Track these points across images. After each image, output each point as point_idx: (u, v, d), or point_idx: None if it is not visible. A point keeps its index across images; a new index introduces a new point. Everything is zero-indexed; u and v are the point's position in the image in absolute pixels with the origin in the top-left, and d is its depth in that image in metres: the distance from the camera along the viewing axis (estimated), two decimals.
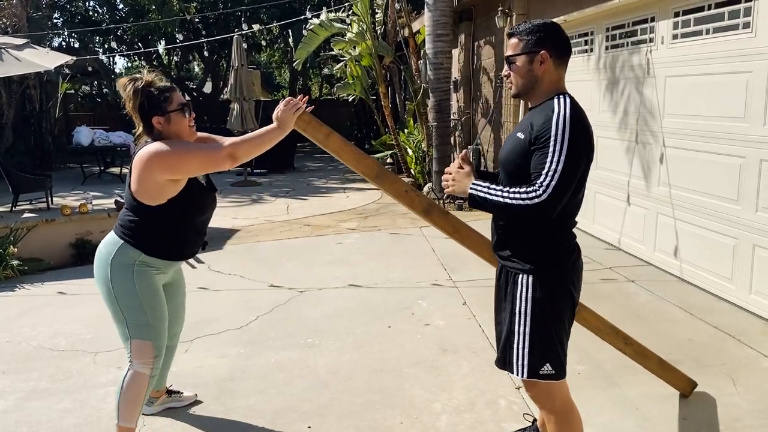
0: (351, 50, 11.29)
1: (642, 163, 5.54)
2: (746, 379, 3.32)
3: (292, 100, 2.59)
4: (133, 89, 2.62)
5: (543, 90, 2.19)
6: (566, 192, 2.02)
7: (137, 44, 19.75)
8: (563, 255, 2.19)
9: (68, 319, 4.59)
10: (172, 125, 2.65)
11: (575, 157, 2.01)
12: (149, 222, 2.62)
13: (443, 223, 2.70)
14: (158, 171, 2.53)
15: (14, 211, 7.10)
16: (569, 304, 2.22)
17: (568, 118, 2.04)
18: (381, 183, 2.71)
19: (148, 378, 2.66)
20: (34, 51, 8.39)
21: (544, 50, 2.15)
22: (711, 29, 4.56)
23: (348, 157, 2.68)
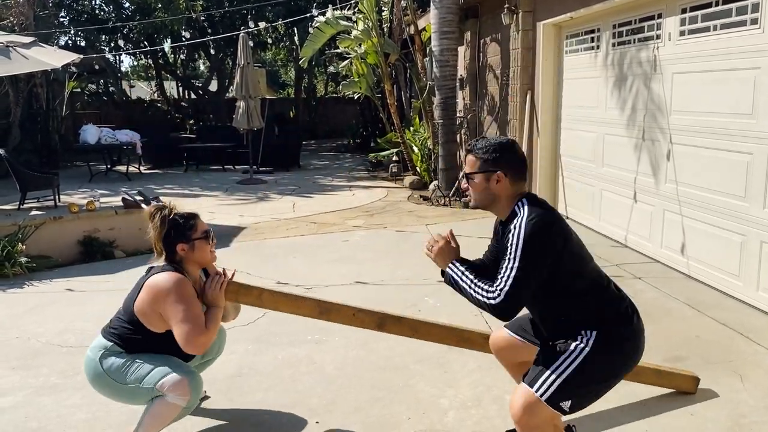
0: (357, 48, 11.30)
1: (649, 160, 5.53)
2: (753, 376, 3.31)
3: (213, 279, 2.73)
4: (160, 219, 2.67)
5: (504, 204, 2.29)
6: (521, 294, 2.12)
7: (143, 43, 19.79)
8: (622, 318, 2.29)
9: (76, 316, 4.62)
10: (195, 252, 2.71)
11: (531, 262, 2.11)
12: (146, 340, 2.66)
13: (400, 329, 2.87)
14: (158, 307, 2.59)
15: (22, 209, 7.13)
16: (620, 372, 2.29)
17: (524, 224, 2.14)
18: (328, 317, 2.88)
19: (181, 409, 2.61)
20: (42, 49, 8.41)
21: (499, 170, 2.24)
22: (718, 25, 4.54)
23: (285, 306, 2.86)
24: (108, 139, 12.75)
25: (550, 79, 7.40)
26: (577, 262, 2.25)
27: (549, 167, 7.62)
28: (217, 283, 2.72)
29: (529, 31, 7.55)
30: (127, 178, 12.49)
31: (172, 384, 2.56)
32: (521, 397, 2.19)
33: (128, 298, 2.71)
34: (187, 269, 2.72)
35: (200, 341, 2.58)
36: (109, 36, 19.66)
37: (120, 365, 2.63)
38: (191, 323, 2.57)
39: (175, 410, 2.60)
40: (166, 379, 2.56)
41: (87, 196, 8.17)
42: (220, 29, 18.65)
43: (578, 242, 2.29)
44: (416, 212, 8.46)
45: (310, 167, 14.62)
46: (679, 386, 3.10)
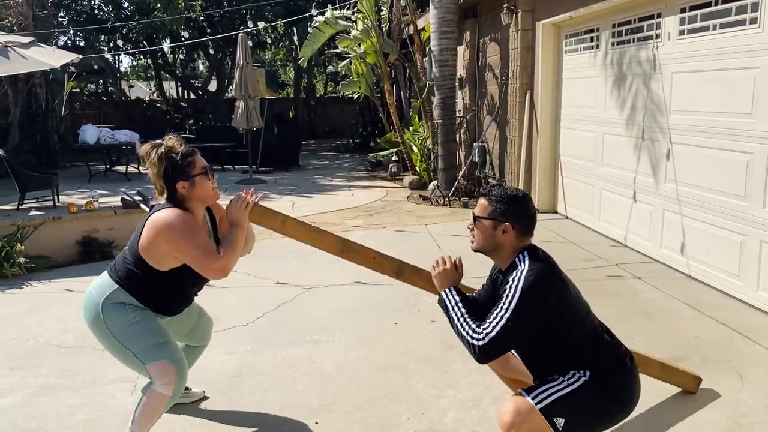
0: (356, 48, 11.29)
1: (649, 160, 5.52)
2: (753, 376, 3.31)
3: (240, 197, 2.67)
4: (157, 156, 2.62)
5: (506, 253, 2.33)
6: (505, 344, 2.16)
7: (142, 42, 19.78)
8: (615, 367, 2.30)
9: (75, 316, 4.59)
10: (196, 189, 2.65)
11: (522, 316, 2.13)
12: (148, 279, 2.64)
13: (417, 281, 2.81)
14: (164, 243, 2.56)
15: (21, 209, 7.12)
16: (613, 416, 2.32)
17: (522, 278, 2.18)
18: (347, 255, 2.82)
19: (168, 399, 2.63)
20: (40, 49, 8.40)
21: (508, 222, 2.28)
22: (718, 25, 4.54)
23: (307, 236, 2.78)
24: (107, 139, 12.73)
25: (549, 78, 7.40)
26: (573, 313, 2.29)
27: (548, 167, 7.62)
28: (242, 202, 2.65)
29: (529, 31, 7.55)
30: (127, 178, 12.48)
31: (160, 371, 2.58)
32: (514, 402, 2.21)
33: (132, 238, 2.68)
34: (190, 208, 2.66)
35: (216, 265, 2.54)
36: (108, 36, 19.64)
37: (122, 322, 2.60)
38: (202, 249, 2.54)
39: (163, 400, 2.62)
40: (155, 364, 2.58)
41: (86, 197, 8.16)
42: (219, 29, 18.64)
43: (576, 295, 2.32)
44: (416, 212, 8.45)
45: (310, 167, 14.61)
46: (681, 383, 3.10)
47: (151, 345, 2.61)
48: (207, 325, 3.11)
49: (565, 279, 2.29)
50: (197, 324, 3.03)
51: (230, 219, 2.67)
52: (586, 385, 2.22)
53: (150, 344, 2.61)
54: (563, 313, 2.23)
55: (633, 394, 2.33)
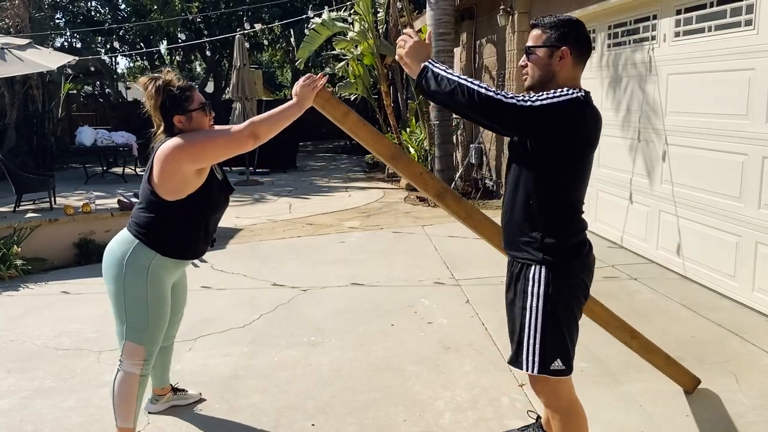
0: (353, 49, 11.31)
1: (644, 161, 5.54)
2: (749, 376, 3.32)
3: (312, 77, 2.59)
4: (154, 88, 2.61)
5: (558, 87, 2.13)
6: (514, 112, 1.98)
7: (139, 44, 19.78)
8: (575, 247, 2.21)
9: (72, 319, 4.60)
10: (193, 124, 2.65)
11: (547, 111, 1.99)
12: (165, 218, 2.61)
13: (456, 208, 2.70)
14: (185, 161, 2.53)
15: (17, 211, 7.11)
16: (581, 298, 2.24)
17: (573, 95, 2.04)
18: (396, 164, 2.69)
19: (139, 377, 2.65)
20: (37, 51, 8.40)
21: (565, 46, 2.13)
22: (713, 26, 4.56)
23: (364, 136, 2.67)
24: (104, 140, 12.73)
25: None
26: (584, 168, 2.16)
27: None
28: (313, 82, 2.59)
29: (525, 32, 7.56)
30: (123, 180, 12.47)
31: (129, 351, 2.64)
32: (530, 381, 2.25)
33: (143, 183, 2.66)
34: None
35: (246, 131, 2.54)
36: (104, 37, 19.65)
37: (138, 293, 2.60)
38: (221, 134, 2.56)
39: (133, 381, 2.64)
40: (128, 344, 2.63)
41: (83, 198, 8.17)
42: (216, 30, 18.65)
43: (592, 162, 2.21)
44: (413, 213, 8.46)
45: (307, 168, 14.62)
46: (680, 380, 3.11)
47: (144, 328, 2.63)
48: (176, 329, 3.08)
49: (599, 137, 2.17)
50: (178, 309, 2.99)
51: (295, 93, 2.59)
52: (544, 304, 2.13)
53: (143, 326, 2.63)
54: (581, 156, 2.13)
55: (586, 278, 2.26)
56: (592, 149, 2.17)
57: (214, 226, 2.85)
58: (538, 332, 2.15)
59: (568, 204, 2.18)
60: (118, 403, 2.65)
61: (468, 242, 6.31)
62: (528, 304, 2.17)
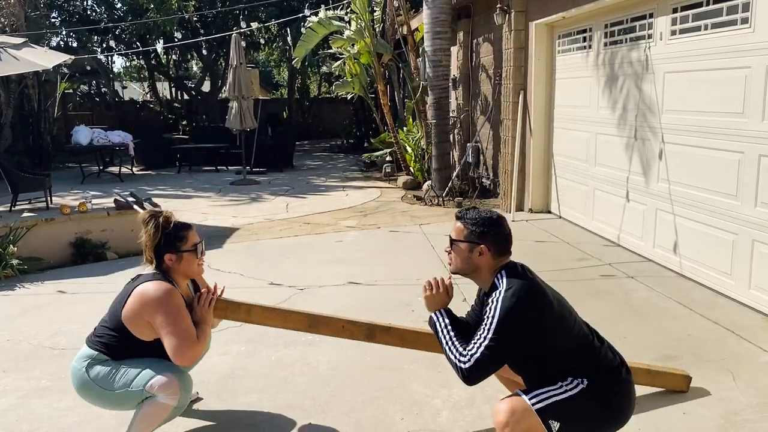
0: (350, 48, 11.30)
1: (641, 159, 5.54)
2: (745, 374, 3.32)
3: (202, 296, 2.73)
4: (154, 227, 2.65)
5: (484, 275, 2.36)
6: (490, 365, 2.21)
7: (135, 43, 19.70)
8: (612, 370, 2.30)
9: (68, 318, 4.59)
10: (182, 264, 2.69)
11: (503, 336, 2.16)
12: (132, 348, 2.64)
13: (389, 340, 2.89)
14: (147, 316, 2.57)
15: (13, 211, 7.10)
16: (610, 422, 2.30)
17: (500, 299, 2.21)
18: (317, 329, 2.91)
19: (171, 409, 2.60)
20: (33, 50, 8.37)
21: (484, 244, 2.31)
22: (709, 25, 4.56)
23: (275, 321, 2.89)
24: (100, 140, 12.71)
25: (542, 78, 7.42)
26: (558, 325, 2.28)
27: (542, 167, 7.63)
28: (205, 301, 2.73)
29: (522, 31, 7.57)
30: (120, 179, 12.44)
31: (162, 384, 2.54)
32: (510, 402, 2.22)
33: (115, 305, 2.68)
34: (174, 279, 2.70)
35: (190, 353, 2.58)
36: (101, 37, 19.56)
37: (107, 372, 2.61)
38: (181, 336, 2.56)
39: (165, 410, 2.59)
40: (155, 380, 2.55)
41: (79, 198, 8.15)
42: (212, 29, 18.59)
43: (560, 307, 2.31)
44: (410, 212, 8.46)
45: (304, 168, 14.60)
46: (671, 385, 3.11)
47: (142, 371, 2.59)
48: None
49: (547, 292, 2.28)
50: None
51: (195, 318, 2.70)
52: (583, 392, 2.22)
53: (140, 370, 2.59)
54: (548, 328, 2.24)
55: (629, 405, 2.32)
56: (550, 307, 2.26)
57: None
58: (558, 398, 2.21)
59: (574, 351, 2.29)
60: (140, 421, 2.60)
61: None
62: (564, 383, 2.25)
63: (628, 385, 2.33)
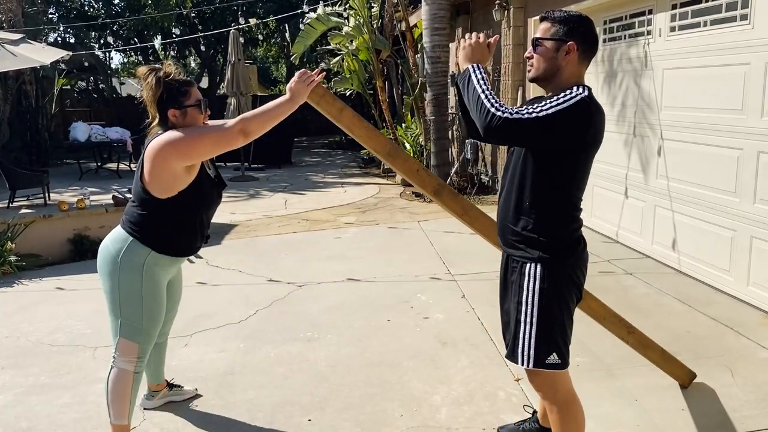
0: (348, 44, 11.28)
1: (640, 156, 5.54)
2: (744, 370, 3.33)
3: (307, 72, 2.57)
4: (154, 79, 2.57)
5: (562, 81, 2.15)
6: (520, 132, 2.01)
7: (133, 39, 19.67)
8: (570, 245, 2.22)
9: (67, 315, 4.59)
10: (187, 119, 2.61)
11: (552, 121, 1.99)
12: (158, 215, 2.59)
13: (453, 205, 2.71)
14: (173, 158, 2.49)
15: (11, 208, 7.09)
16: (575, 293, 2.25)
17: (577, 95, 2.04)
18: (393, 160, 2.69)
19: (133, 374, 2.64)
20: (30, 46, 8.34)
21: (572, 41, 2.14)
22: (709, 21, 4.56)
23: (360, 133, 2.65)
24: (98, 136, 12.67)
25: None
26: (585, 169, 2.21)
27: None
28: (308, 77, 2.55)
29: (521, 27, 7.56)
30: (118, 175, 12.42)
31: (127, 348, 2.62)
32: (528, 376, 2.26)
33: (135, 180, 2.63)
34: None
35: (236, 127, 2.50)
36: (98, 33, 19.55)
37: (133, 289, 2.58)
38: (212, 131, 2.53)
39: (127, 377, 2.63)
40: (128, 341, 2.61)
41: (77, 194, 8.13)
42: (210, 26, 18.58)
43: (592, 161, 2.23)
44: (408, 209, 8.45)
45: (302, 164, 14.59)
46: (676, 375, 3.12)
47: (138, 325, 2.61)
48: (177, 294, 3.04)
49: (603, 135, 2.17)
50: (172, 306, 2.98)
51: (290, 89, 2.56)
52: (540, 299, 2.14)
53: (138, 324, 2.61)
54: (583, 159, 2.16)
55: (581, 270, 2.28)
56: (597, 148, 2.20)
57: (208, 222, 2.82)
58: (534, 327, 2.16)
59: (567, 204, 2.22)
60: (112, 400, 2.64)
61: (464, 238, 6.30)
62: (523, 299, 2.18)
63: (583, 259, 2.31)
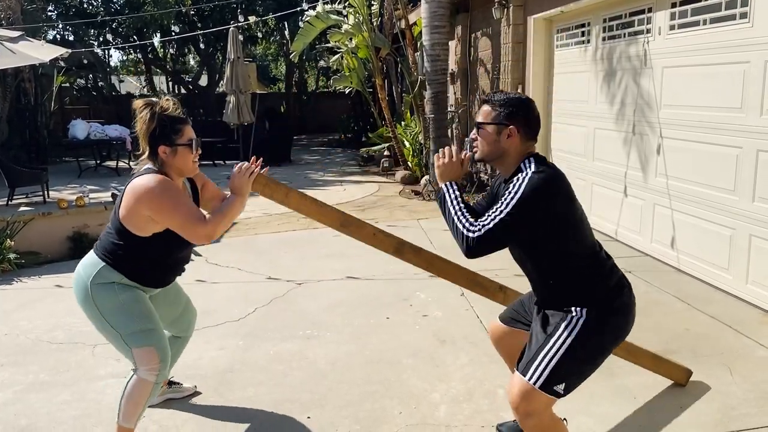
0: (347, 42, 11.26)
1: (639, 155, 5.55)
2: (742, 368, 3.34)
3: (245, 165, 2.63)
4: (149, 114, 2.57)
5: (509, 161, 2.25)
6: (500, 238, 2.10)
7: (132, 37, 19.64)
8: (614, 289, 2.26)
9: (66, 312, 4.58)
10: (177, 158, 2.60)
11: (522, 213, 2.08)
12: (133, 249, 2.58)
13: (416, 260, 2.80)
14: (145, 208, 2.50)
15: (10, 205, 7.08)
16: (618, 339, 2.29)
17: (528, 178, 2.12)
18: (348, 230, 2.79)
19: (153, 385, 2.61)
20: (29, 44, 8.33)
21: (513, 125, 2.21)
22: (708, 20, 4.56)
23: (311, 210, 2.77)
24: (97, 134, 12.66)
25: (540, 73, 7.41)
26: (576, 226, 2.22)
27: None
28: (247, 170, 2.60)
29: (520, 26, 7.55)
30: (117, 173, 12.41)
31: (146, 356, 2.57)
32: (516, 385, 2.20)
33: (114, 208, 2.62)
34: (168, 174, 2.60)
35: (202, 232, 2.49)
36: (97, 30, 19.50)
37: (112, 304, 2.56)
38: (185, 214, 2.50)
39: (146, 387, 2.60)
40: (141, 349, 2.57)
41: (76, 192, 8.12)
42: (209, 23, 18.55)
43: (580, 210, 2.25)
44: (408, 207, 8.46)
45: (301, 162, 14.58)
46: (672, 375, 3.12)
47: (139, 330, 2.59)
48: (192, 316, 3.08)
49: (572, 190, 2.21)
50: (184, 313, 2.99)
51: (232, 186, 2.60)
52: (579, 335, 2.16)
53: (138, 329, 2.59)
54: (568, 219, 2.19)
55: (628, 321, 2.28)
56: (574, 201, 2.22)
57: (186, 258, 2.84)
58: (555, 360, 2.15)
59: (586, 258, 2.25)
60: (126, 403, 2.61)
61: None
62: (558, 334, 2.19)
63: (630, 306, 2.29)
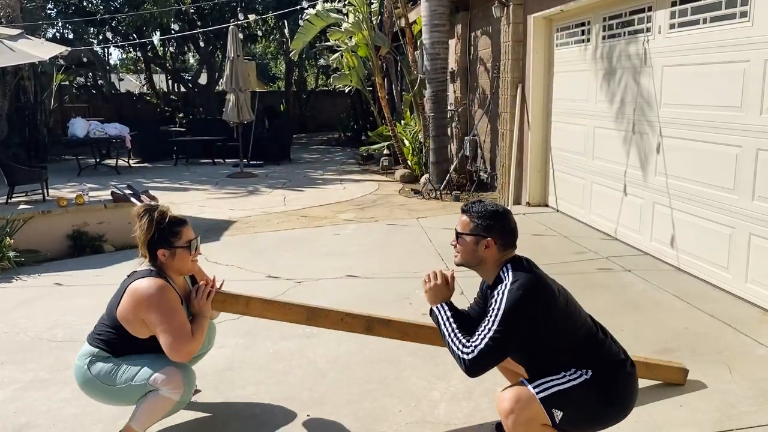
0: (347, 41, 11.26)
1: (639, 153, 5.55)
2: (742, 367, 3.34)
3: (200, 288, 2.72)
4: (148, 221, 2.63)
5: (489, 268, 2.38)
6: (494, 357, 2.20)
7: (132, 35, 19.63)
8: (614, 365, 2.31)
9: (65, 310, 4.59)
10: (176, 260, 2.67)
11: (509, 328, 2.17)
12: (128, 343, 2.63)
13: (389, 333, 2.89)
14: (142, 312, 2.56)
15: (10, 203, 7.08)
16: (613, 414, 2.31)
17: (506, 291, 2.21)
18: (315, 322, 2.91)
19: (174, 403, 2.61)
20: (29, 42, 8.32)
21: (490, 237, 2.33)
22: (708, 18, 4.56)
23: (274, 314, 2.89)
24: (97, 132, 12.66)
25: (540, 72, 7.41)
26: (564, 320, 2.29)
27: (540, 160, 7.63)
28: (203, 293, 2.72)
29: (520, 24, 7.55)
30: (117, 171, 12.41)
31: (165, 378, 2.55)
32: (514, 390, 2.22)
33: (111, 303, 2.68)
34: (168, 275, 2.68)
35: (185, 350, 2.56)
36: (97, 28, 19.49)
37: (109, 369, 2.61)
38: (176, 333, 2.55)
39: (168, 404, 2.59)
40: (158, 374, 2.55)
41: (76, 190, 8.12)
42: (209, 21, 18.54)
43: (565, 301, 2.32)
44: (407, 206, 8.46)
45: (301, 161, 14.58)
46: (668, 378, 3.12)
47: (145, 365, 2.59)
48: (212, 331, 3.08)
49: (552, 287, 2.29)
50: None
51: (193, 310, 2.70)
52: (587, 383, 2.23)
53: (143, 365, 2.59)
54: (553, 321, 2.25)
55: (631, 398, 2.33)
56: (557, 300, 2.27)
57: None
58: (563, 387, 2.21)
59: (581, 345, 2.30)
60: (143, 411, 2.60)
61: None
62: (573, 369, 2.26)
63: (632, 378, 2.34)
